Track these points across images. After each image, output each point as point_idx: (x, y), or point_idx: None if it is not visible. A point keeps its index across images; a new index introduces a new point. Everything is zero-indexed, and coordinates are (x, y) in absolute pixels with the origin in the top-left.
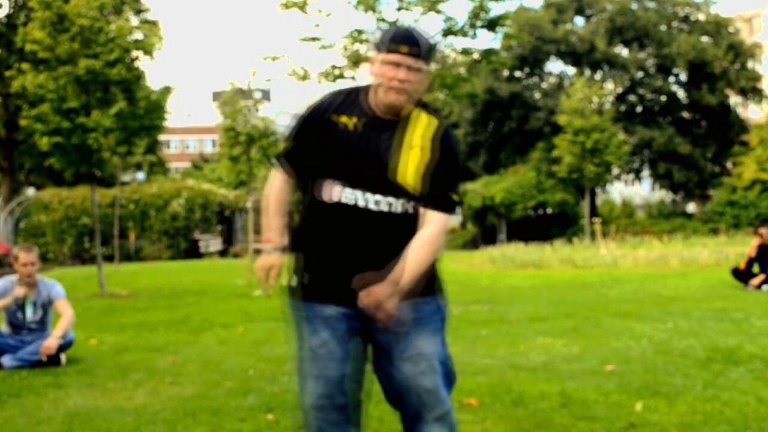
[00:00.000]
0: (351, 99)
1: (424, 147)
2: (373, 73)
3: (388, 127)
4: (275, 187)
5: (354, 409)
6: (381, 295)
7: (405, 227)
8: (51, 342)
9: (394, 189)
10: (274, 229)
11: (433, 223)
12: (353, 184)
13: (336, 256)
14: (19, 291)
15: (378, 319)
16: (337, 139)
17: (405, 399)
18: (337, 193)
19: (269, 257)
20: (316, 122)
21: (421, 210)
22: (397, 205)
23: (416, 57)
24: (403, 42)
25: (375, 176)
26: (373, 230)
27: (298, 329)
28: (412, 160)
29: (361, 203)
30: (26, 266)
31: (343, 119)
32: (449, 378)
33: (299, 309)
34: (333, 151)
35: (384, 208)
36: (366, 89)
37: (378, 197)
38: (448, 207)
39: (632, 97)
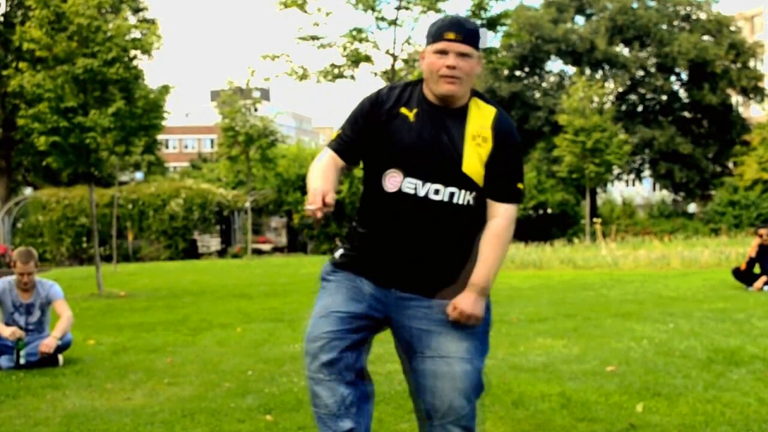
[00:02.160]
0: (409, 92)
1: (486, 137)
2: (424, 65)
3: (448, 116)
4: (322, 160)
5: (349, 376)
6: (467, 305)
7: (464, 218)
8: (50, 341)
9: (456, 179)
10: (324, 182)
11: (500, 216)
12: (414, 174)
13: (391, 242)
14: (16, 333)
15: (468, 325)
16: (397, 130)
17: (419, 397)
18: (397, 182)
19: (325, 188)
20: (375, 115)
21: (488, 202)
22: (459, 195)
23: (462, 42)
24: (448, 29)
25: (436, 166)
26: (431, 220)
27: (322, 292)
28: (475, 150)
29: (421, 192)
30: (23, 275)
31: (403, 111)
32: (478, 386)
33: (332, 277)
34: (393, 142)
35: (445, 197)
36: (422, 83)
37: (438, 186)
38: (514, 197)
39: (633, 97)
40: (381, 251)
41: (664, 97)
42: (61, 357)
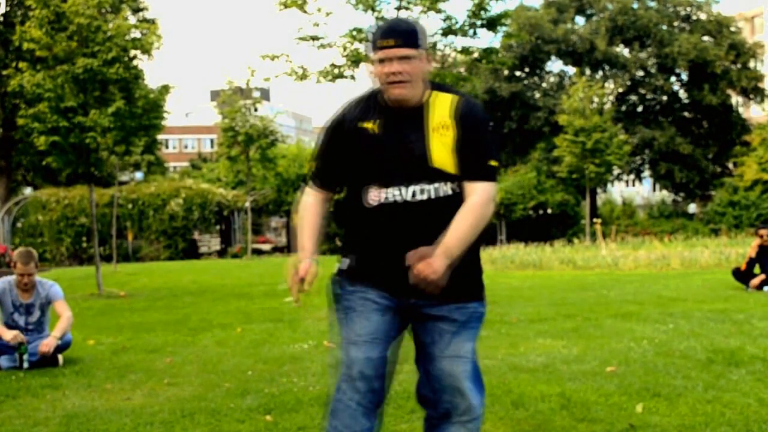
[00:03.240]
0: (369, 104)
1: (448, 125)
2: (373, 74)
3: (409, 117)
4: (307, 203)
5: (375, 399)
6: (434, 269)
7: (453, 209)
8: (49, 341)
9: (432, 174)
10: (307, 241)
11: (474, 193)
12: (393, 182)
13: (391, 252)
14: (17, 338)
15: (427, 287)
16: (365, 145)
17: (438, 396)
18: (378, 195)
19: (306, 264)
20: (341, 135)
21: (464, 185)
22: (440, 189)
23: (401, 46)
24: (386, 36)
25: (410, 167)
26: (422, 220)
27: (341, 312)
28: (441, 141)
29: (404, 197)
30: (23, 276)
31: (367, 125)
32: (481, 385)
33: (345, 294)
34: (364, 157)
35: (428, 195)
36: (380, 92)
37: (419, 186)
38: (485, 175)
39: (633, 97)
40: (385, 262)
41: (665, 98)
42: (60, 357)
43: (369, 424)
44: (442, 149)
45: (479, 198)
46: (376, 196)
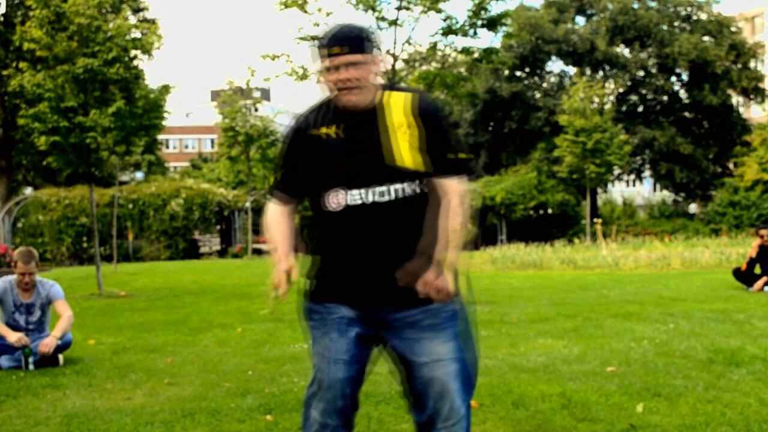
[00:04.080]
0: (325, 110)
1: (409, 123)
2: (324, 82)
3: (366, 119)
4: (274, 215)
5: (352, 412)
6: (440, 281)
7: (418, 209)
8: (50, 341)
9: (395, 175)
10: (280, 242)
11: (450, 192)
12: (354, 185)
13: (356, 258)
14: (21, 340)
15: (437, 300)
16: (325, 150)
17: (421, 402)
18: (341, 198)
19: (287, 262)
20: (300, 143)
21: (438, 182)
22: (403, 189)
23: (348, 53)
24: (333, 43)
25: (371, 169)
26: (387, 221)
27: (310, 331)
28: (401, 140)
29: (368, 199)
30: (24, 275)
31: (324, 130)
32: (469, 384)
33: (313, 312)
34: (324, 162)
35: (391, 196)
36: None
37: (382, 188)
38: (457, 169)
39: (633, 97)
40: (351, 272)
41: (665, 98)
42: (61, 357)
43: None
44: (406, 148)
45: (456, 196)
46: (337, 200)
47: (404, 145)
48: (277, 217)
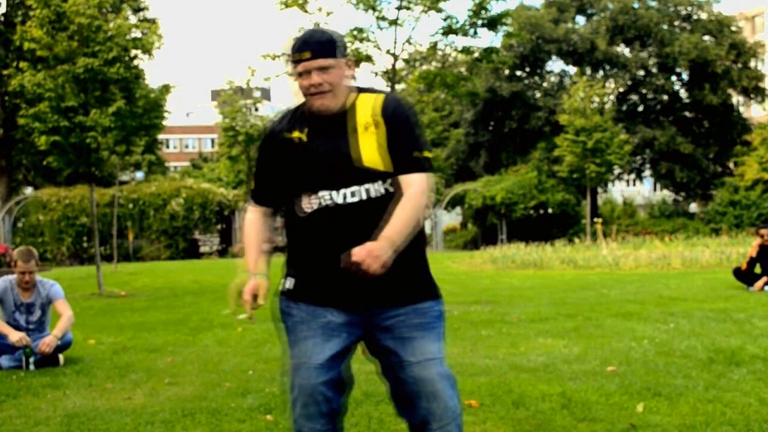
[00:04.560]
0: (296, 114)
1: (375, 123)
2: (295, 87)
3: (336, 122)
4: (250, 221)
5: (339, 416)
6: (377, 247)
7: (388, 207)
8: (50, 339)
9: (362, 176)
10: (251, 261)
11: (410, 184)
12: (323, 187)
13: (329, 261)
14: (23, 340)
15: (368, 272)
16: (295, 154)
17: (415, 403)
18: (312, 201)
19: (254, 281)
20: (272, 149)
21: (399, 180)
22: (372, 189)
23: (318, 57)
24: (300, 50)
25: (339, 171)
26: (357, 222)
27: (288, 332)
28: (368, 141)
29: (338, 200)
30: (24, 274)
31: (294, 135)
32: (454, 384)
33: (293, 312)
34: (295, 166)
35: (362, 196)
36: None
37: (351, 189)
38: (418, 166)
39: (634, 97)
40: (329, 273)
41: (665, 97)
42: (61, 356)
43: None
44: (371, 149)
45: (415, 188)
46: (308, 203)
47: (370, 145)
48: (252, 226)
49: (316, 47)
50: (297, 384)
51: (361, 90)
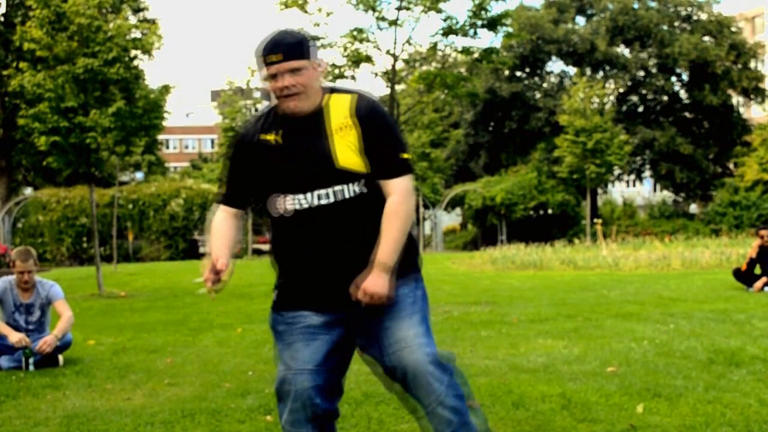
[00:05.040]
0: (269, 117)
1: (348, 125)
2: (267, 89)
3: (308, 123)
4: (221, 219)
5: (329, 421)
6: (374, 285)
7: (363, 208)
8: (50, 338)
9: (336, 177)
10: (222, 247)
11: (393, 192)
12: (294, 190)
13: (308, 262)
14: (22, 341)
15: (378, 307)
16: (268, 156)
17: (409, 391)
18: (286, 203)
19: (216, 257)
20: (244, 152)
21: (380, 183)
22: (347, 190)
23: (288, 59)
24: (270, 52)
25: (312, 173)
26: (336, 223)
27: (276, 343)
28: (343, 142)
29: (309, 203)
30: (23, 274)
31: (268, 137)
32: (444, 367)
33: (279, 323)
34: (269, 168)
35: (333, 198)
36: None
37: (326, 190)
38: (400, 170)
39: (634, 97)
40: (310, 276)
41: (665, 98)
42: (61, 357)
43: None
44: (346, 150)
45: (398, 196)
46: (284, 206)
47: (343, 146)
48: (221, 223)
49: (286, 49)
50: (284, 390)
51: (333, 90)
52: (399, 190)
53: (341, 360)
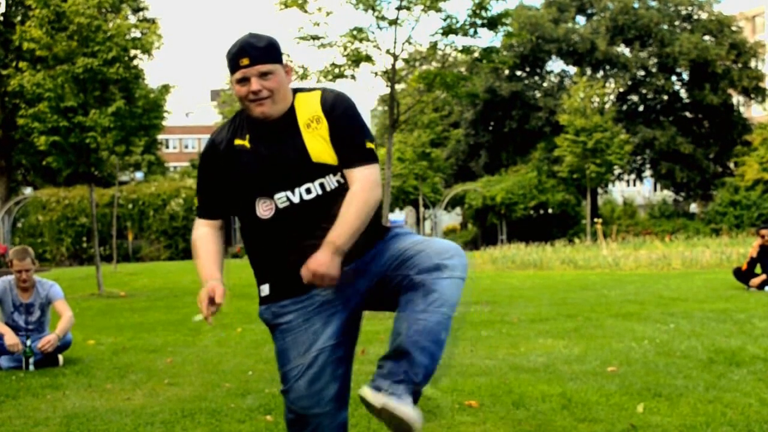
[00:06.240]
0: (239, 122)
1: (317, 119)
2: (236, 95)
3: (279, 124)
4: (203, 234)
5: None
6: (320, 264)
7: (344, 197)
8: (51, 337)
9: (315, 171)
10: (208, 268)
11: (356, 181)
12: (278, 190)
13: (296, 259)
14: (18, 347)
15: (321, 285)
16: (242, 162)
17: (418, 268)
18: (269, 205)
19: (209, 284)
20: (216, 161)
21: (345, 173)
22: (326, 183)
23: (258, 63)
24: (238, 56)
25: (292, 171)
26: (319, 216)
27: (284, 334)
28: (314, 136)
29: (295, 199)
30: (20, 273)
31: (240, 142)
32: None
33: (281, 317)
34: (245, 174)
35: (318, 191)
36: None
37: (306, 186)
38: (363, 158)
39: (634, 97)
40: (292, 268)
41: (665, 97)
42: (61, 357)
43: None
44: (318, 143)
45: (361, 184)
46: (267, 208)
47: (316, 141)
48: (204, 239)
49: (254, 53)
50: (293, 393)
51: (297, 90)
52: (362, 179)
53: (349, 364)
